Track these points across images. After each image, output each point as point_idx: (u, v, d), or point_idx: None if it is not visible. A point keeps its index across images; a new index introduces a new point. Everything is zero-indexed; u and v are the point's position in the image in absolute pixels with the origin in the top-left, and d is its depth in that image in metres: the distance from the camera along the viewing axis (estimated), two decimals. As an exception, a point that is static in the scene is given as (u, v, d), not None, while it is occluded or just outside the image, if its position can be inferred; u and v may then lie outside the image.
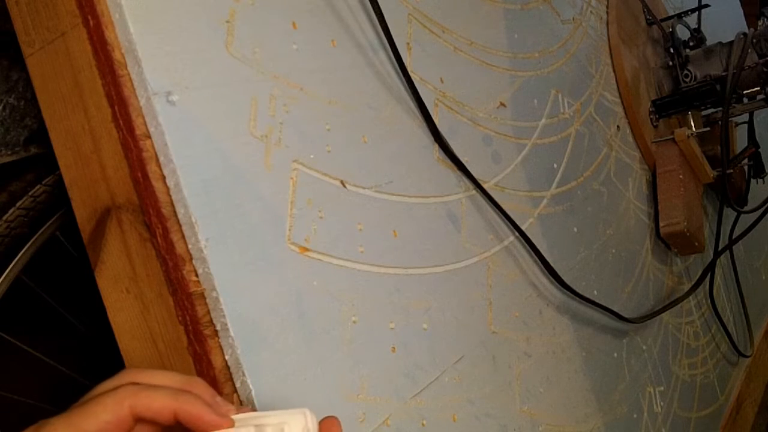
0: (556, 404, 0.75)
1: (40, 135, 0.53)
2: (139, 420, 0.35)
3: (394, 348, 0.55)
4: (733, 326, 1.38)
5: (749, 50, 1.09)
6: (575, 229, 0.87)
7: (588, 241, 0.89)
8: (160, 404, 0.35)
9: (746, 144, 1.34)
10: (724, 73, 1.11)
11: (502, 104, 0.79)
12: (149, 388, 0.35)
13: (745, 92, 1.14)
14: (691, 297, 1.16)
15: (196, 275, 0.43)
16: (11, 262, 0.55)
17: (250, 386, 0.43)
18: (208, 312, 0.43)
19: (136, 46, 0.42)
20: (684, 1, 1.48)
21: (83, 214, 0.46)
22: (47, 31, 0.45)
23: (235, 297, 0.44)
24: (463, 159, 0.68)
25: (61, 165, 0.47)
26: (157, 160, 0.43)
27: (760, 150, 1.37)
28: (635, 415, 0.92)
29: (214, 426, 0.36)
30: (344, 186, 0.55)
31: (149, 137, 0.43)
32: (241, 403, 0.44)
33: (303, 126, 0.52)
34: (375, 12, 0.60)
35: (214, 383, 0.43)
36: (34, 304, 0.65)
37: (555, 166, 0.86)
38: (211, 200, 0.44)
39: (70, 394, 0.40)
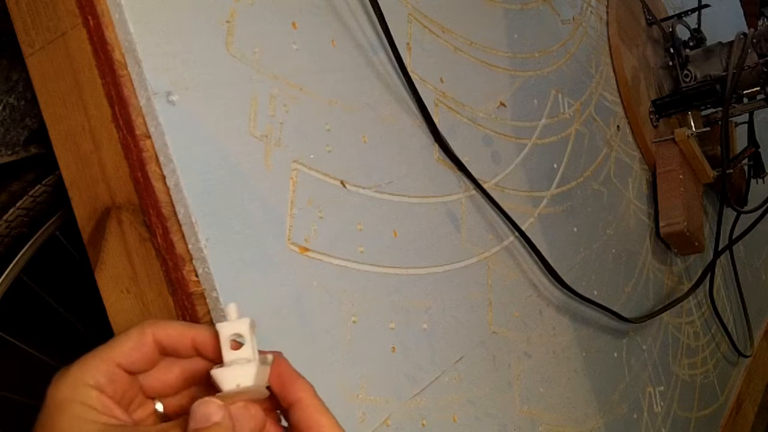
0: (556, 404, 0.75)
1: (40, 135, 0.53)
2: (163, 353, 0.38)
3: (394, 348, 0.55)
4: (733, 326, 1.38)
5: (749, 50, 1.09)
6: (575, 229, 0.87)
7: (588, 241, 0.89)
8: (178, 330, 0.37)
9: (746, 144, 1.34)
10: (724, 73, 1.11)
11: (502, 104, 0.79)
12: (168, 320, 0.39)
13: (745, 92, 1.14)
14: (691, 297, 1.16)
15: (196, 275, 0.43)
16: (11, 262, 0.55)
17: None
18: (208, 312, 0.43)
19: (136, 46, 0.42)
20: (684, 1, 1.48)
21: (83, 214, 0.46)
22: (47, 31, 0.45)
23: (235, 297, 0.44)
24: (463, 159, 0.68)
25: (61, 165, 0.47)
26: (157, 160, 0.43)
27: (760, 150, 1.36)
28: (635, 415, 0.92)
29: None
30: (344, 186, 0.55)
31: (149, 137, 0.43)
32: None
33: (303, 126, 0.52)
34: (375, 12, 0.60)
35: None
36: (34, 304, 0.65)
37: (555, 166, 0.86)
38: (211, 200, 0.44)
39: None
